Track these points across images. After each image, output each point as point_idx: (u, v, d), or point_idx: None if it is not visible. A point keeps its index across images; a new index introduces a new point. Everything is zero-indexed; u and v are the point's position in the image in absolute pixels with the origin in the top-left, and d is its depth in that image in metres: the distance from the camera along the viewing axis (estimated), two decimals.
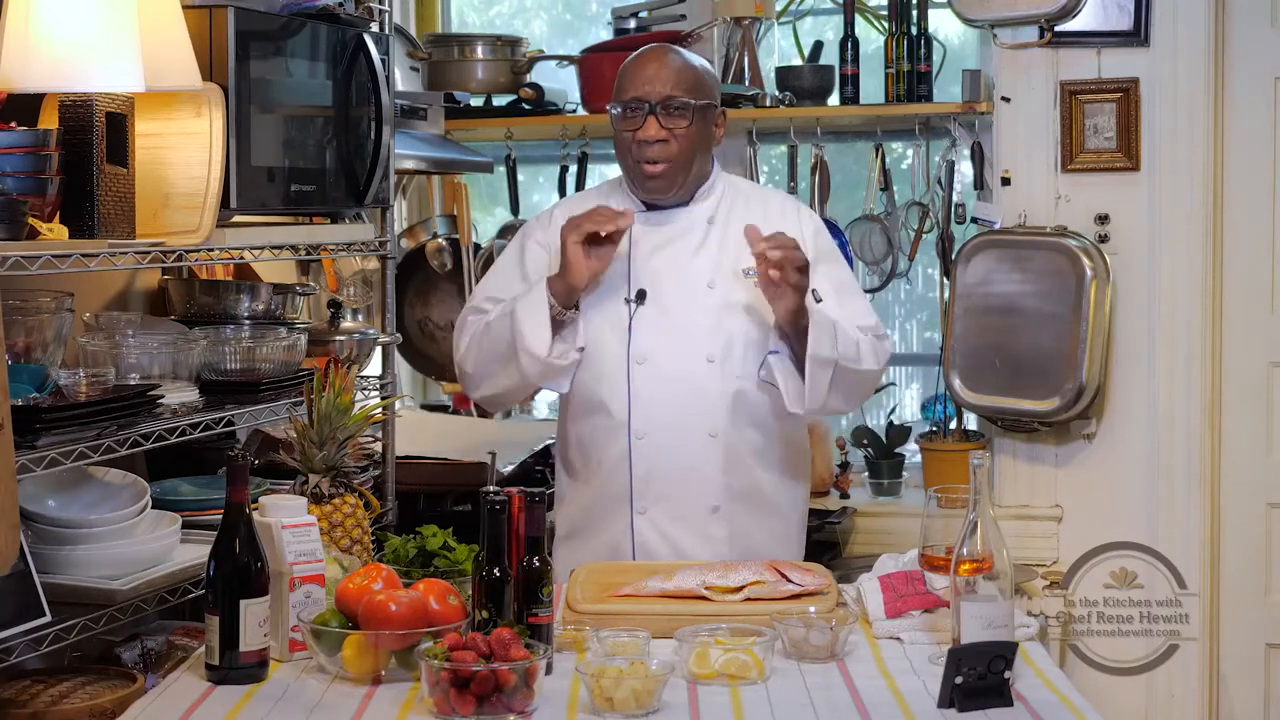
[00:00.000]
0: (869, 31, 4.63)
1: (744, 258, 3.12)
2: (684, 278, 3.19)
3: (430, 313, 4.90)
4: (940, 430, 4.52)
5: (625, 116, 3.18)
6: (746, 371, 3.17)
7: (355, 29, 3.45)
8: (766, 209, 3.27)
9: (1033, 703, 2.34)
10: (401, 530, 3.48)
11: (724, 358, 3.16)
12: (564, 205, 3.42)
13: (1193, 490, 4.24)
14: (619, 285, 3.18)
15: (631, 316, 3.17)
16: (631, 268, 3.19)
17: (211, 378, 3.15)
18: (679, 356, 3.15)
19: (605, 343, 3.17)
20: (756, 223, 3.14)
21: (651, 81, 3.16)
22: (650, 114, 3.14)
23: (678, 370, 3.15)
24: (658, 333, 3.16)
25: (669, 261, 3.20)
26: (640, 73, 3.18)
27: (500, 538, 2.48)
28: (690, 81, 3.18)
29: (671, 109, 3.14)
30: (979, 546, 2.43)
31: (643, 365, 3.15)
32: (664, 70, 3.17)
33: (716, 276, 3.19)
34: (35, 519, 2.77)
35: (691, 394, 3.14)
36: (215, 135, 2.96)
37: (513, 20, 5.47)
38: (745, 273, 3.12)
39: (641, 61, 3.21)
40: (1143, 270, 4.23)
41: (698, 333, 3.16)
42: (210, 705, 2.36)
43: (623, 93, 3.19)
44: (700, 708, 2.33)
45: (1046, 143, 4.26)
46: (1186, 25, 4.16)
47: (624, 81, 3.21)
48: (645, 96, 3.15)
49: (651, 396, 3.14)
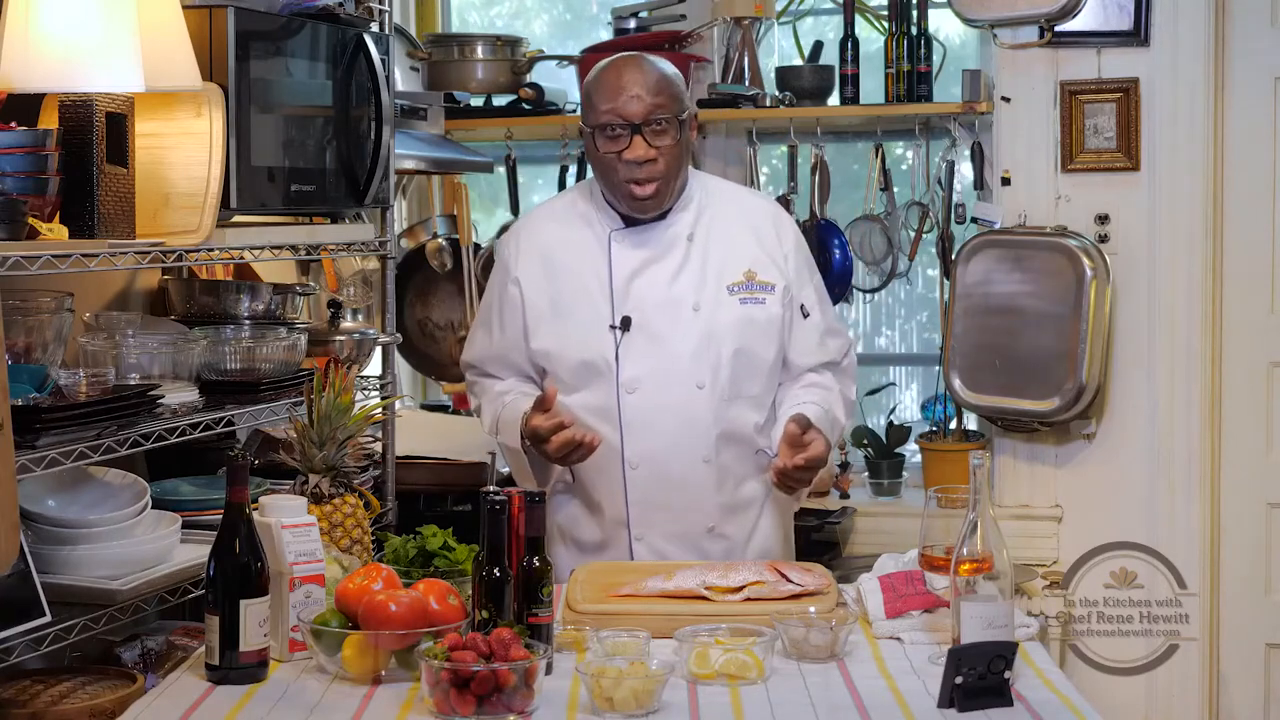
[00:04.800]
0: (869, 31, 4.63)
1: (726, 274, 3.12)
2: (668, 303, 3.13)
3: (430, 313, 4.90)
4: (940, 430, 4.52)
5: (607, 137, 3.07)
6: (735, 393, 3.14)
7: (355, 29, 3.45)
8: (746, 219, 3.22)
9: (1033, 703, 2.34)
10: (401, 530, 3.48)
11: (713, 382, 3.12)
12: (530, 222, 3.33)
13: (1193, 490, 4.24)
14: (602, 311, 3.13)
15: (618, 345, 3.12)
16: (614, 292, 3.14)
17: (211, 378, 3.15)
18: (669, 385, 3.11)
19: (595, 372, 3.13)
20: (742, 235, 3.16)
21: (631, 99, 3.05)
22: (635, 133, 3.05)
23: (669, 399, 3.11)
24: (646, 361, 3.11)
25: (651, 285, 3.14)
26: (617, 89, 3.06)
27: (500, 538, 2.48)
28: (669, 93, 3.08)
29: (656, 126, 3.06)
30: (979, 546, 2.43)
31: (633, 395, 3.11)
32: (641, 85, 3.06)
33: (701, 299, 3.13)
34: (35, 519, 2.77)
35: (684, 422, 3.11)
36: (215, 135, 2.95)
37: (513, 20, 5.47)
38: (730, 290, 3.11)
39: (614, 76, 3.09)
40: (1143, 270, 4.23)
41: (686, 359, 3.11)
42: (210, 705, 2.36)
43: (598, 111, 3.08)
44: (700, 708, 2.33)
45: (1046, 143, 4.26)
46: (1186, 25, 4.16)
47: (598, 98, 3.09)
48: (627, 116, 3.04)
49: (644, 426, 3.10)
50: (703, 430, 3.12)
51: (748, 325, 3.14)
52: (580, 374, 3.14)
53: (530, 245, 3.22)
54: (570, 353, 3.14)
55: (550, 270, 3.18)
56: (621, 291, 3.14)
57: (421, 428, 4.32)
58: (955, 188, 4.49)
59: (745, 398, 3.15)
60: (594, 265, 3.16)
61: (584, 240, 3.19)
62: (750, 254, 3.18)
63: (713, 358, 3.12)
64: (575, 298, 3.16)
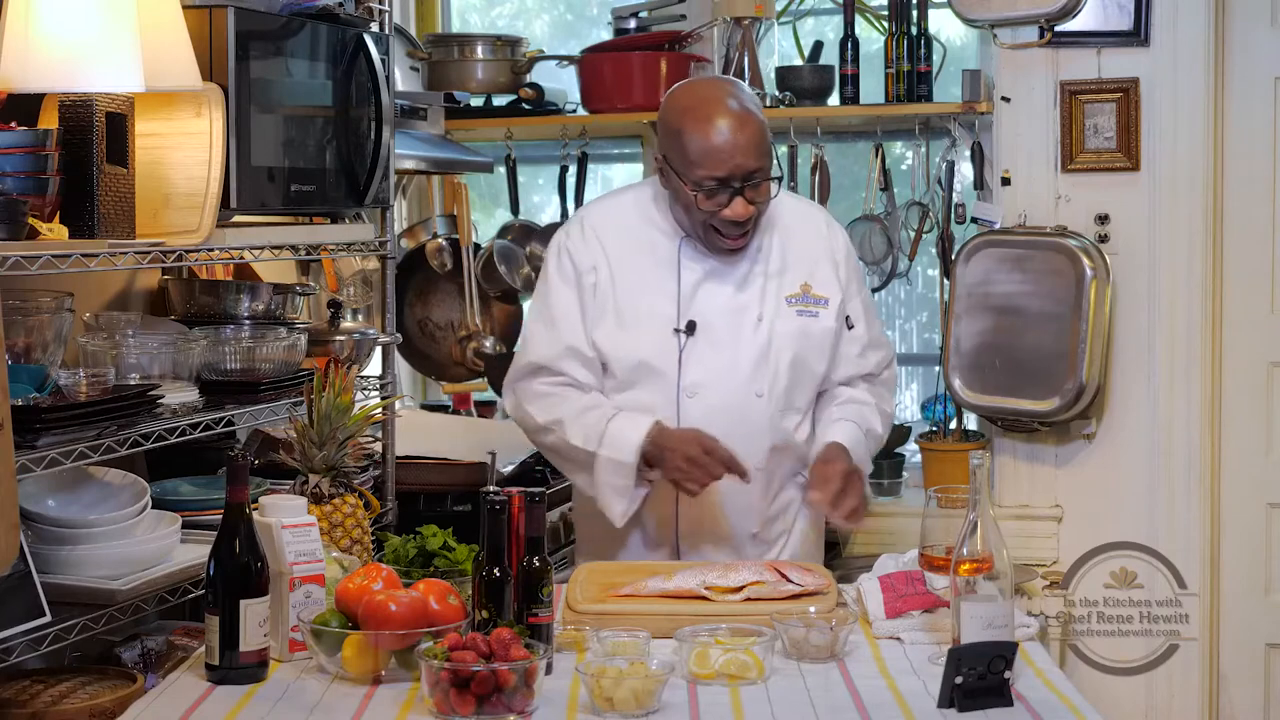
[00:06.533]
0: (869, 31, 4.62)
1: (785, 285, 3.14)
2: (733, 311, 3.14)
3: (430, 313, 4.90)
4: (940, 430, 4.52)
5: (705, 192, 3.01)
6: (789, 404, 3.16)
7: (355, 29, 3.45)
8: (803, 231, 3.23)
9: (1033, 703, 2.34)
10: (401, 530, 3.48)
11: (770, 392, 3.13)
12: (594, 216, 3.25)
13: (1193, 490, 4.24)
14: (667, 314, 3.12)
15: (682, 349, 3.12)
16: (680, 296, 3.14)
17: (211, 378, 3.15)
18: (729, 391, 3.12)
19: (655, 373, 3.12)
20: (798, 247, 3.17)
21: (736, 165, 2.99)
22: (737, 194, 3.01)
23: (728, 405, 3.11)
24: (708, 366, 3.12)
25: (717, 293, 3.14)
26: (719, 151, 2.98)
27: (500, 538, 2.48)
28: (766, 146, 3.03)
29: (755, 183, 3.02)
30: (979, 546, 2.43)
31: (693, 399, 3.11)
32: (746, 143, 2.99)
33: (764, 309, 3.14)
34: (35, 519, 2.77)
35: (741, 429, 3.10)
36: (215, 135, 2.95)
37: (514, 21, 5.47)
38: (788, 301, 3.14)
39: (715, 133, 2.99)
40: (1143, 270, 4.23)
41: (747, 367, 3.13)
42: (210, 705, 2.36)
43: (695, 168, 3.00)
44: (700, 708, 2.33)
45: (1046, 143, 4.26)
46: (1186, 25, 4.16)
47: (696, 155, 3.00)
48: (731, 177, 3.00)
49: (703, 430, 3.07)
50: (758, 438, 3.13)
51: (804, 338, 3.15)
52: (637, 373, 3.13)
53: (595, 239, 3.17)
54: (630, 352, 3.13)
55: (616, 267, 3.15)
56: (688, 296, 3.13)
57: (421, 428, 4.32)
58: (955, 188, 4.49)
59: (795, 409, 3.18)
60: (661, 268, 3.14)
61: (652, 241, 3.16)
62: (807, 267, 3.19)
63: (772, 368, 3.14)
64: (639, 297, 3.14)
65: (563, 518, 4.09)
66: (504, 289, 4.85)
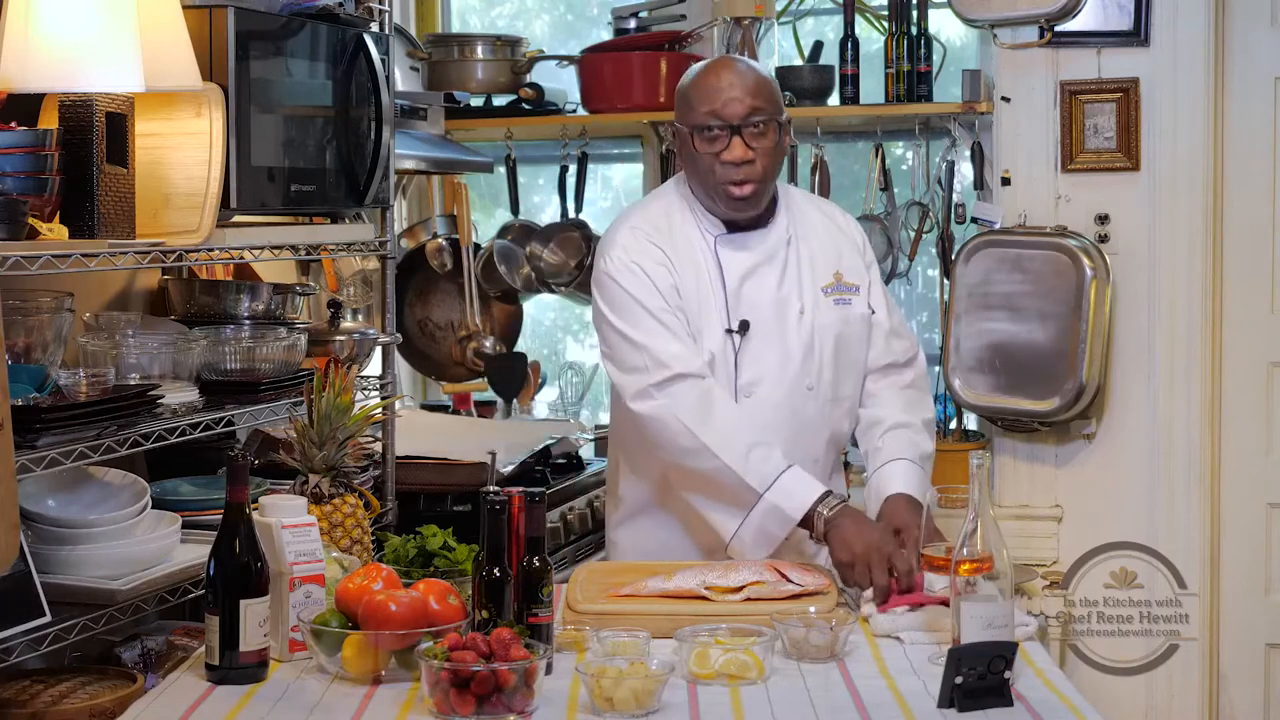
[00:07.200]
0: (869, 31, 4.62)
1: (819, 276, 3.15)
2: (778, 305, 3.13)
3: (430, 313, 4.90)
4: (940, 430, 4.51)
5: (705, 138, 3.03)
6: (836, 394, 3.16)
7: (355, 29, 3.45)
8: (826, 223, 3.24)
9: (1033, 703, 2.34)
10: (401, 530, 3.48)
11: (818, 383, 3.14)
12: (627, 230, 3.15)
13: (1193, 490, 4.24)
14: (719, 315, 3.11)
15: (736, 349, 3.11)
16: (728, 295, 3.12)
17: (211, 378, 3.15)
18: (783, 386, 3.11)
19: (716, 374, 3.08)
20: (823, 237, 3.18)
21: (730, 100, 3.02)
22: (734, 134, 3.02)
23: (783, 400, 3.11)
24: (761, 363, 3.11)
25: (760, 288, 3.13)
26: (716, 90, 3.03)
27: (500, 538, 2.48)
28: (767, 95, 3.05)
29: (755, 128, 3.02)
30: (979, 546, 2.43)
31: (751, 398, 3.10)
32: (741, 86, 3.02)
33: (804, 301, 3.15)
34: (35, 519, 2.77)
35: (798, 423, 3.11)
36: (215, 135, 2.96)
37: (514, 21, 5.47)
38: (824, 291, 3.15)
39: (713, 77, 3.05)
40: (1143, 270, 4.23)
41: (798, 361, 3.12)
42: (210, 705, 2.36)
43: (696, 112, 3.04)
44: (700, 708, 2.33)
45: (1046, 143, 4.26)
46: (1186, 25, 4.17)
47: (696, 99, 3.05)
48: (726, 117, 3.01)
49: (764, 428, 3.04)
50: (814, 431, 3.15)
51: (843, 326, 3.16)
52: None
53: (648, 242, 3.11)
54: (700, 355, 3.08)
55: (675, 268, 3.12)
56: (735, 295, 3.12)
57: (421, 428, 4.32)
58: (955, 188, 4.49)
59: (841, 398, 3.18)
60: (704, 269, 3.12)
61: (690, 244, 3.14)
62: (835, 256, 3.20)
63: (818, 359, 3.14)
64: (688, 300, 3.10)
65: (563, 518, 4.10)
66: (504, 289, 4.85)
